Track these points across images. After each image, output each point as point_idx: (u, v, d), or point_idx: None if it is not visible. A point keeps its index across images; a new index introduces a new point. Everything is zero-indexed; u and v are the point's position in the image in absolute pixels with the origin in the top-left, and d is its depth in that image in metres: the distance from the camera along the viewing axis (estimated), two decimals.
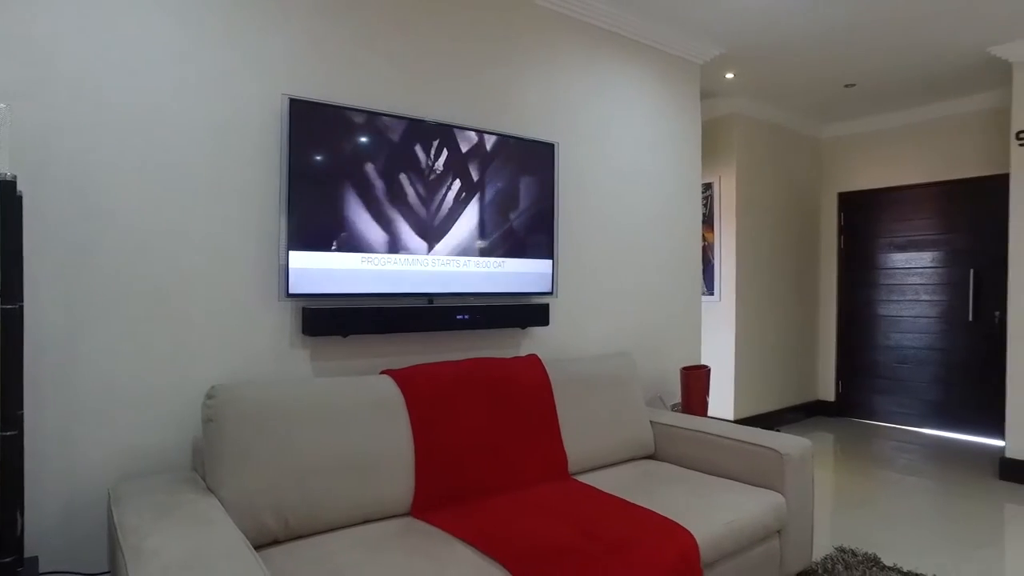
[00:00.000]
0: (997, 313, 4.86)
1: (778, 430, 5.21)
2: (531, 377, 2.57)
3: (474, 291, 2.73)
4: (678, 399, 3.64)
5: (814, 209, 5.92)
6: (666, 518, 2.07)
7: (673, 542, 1.95)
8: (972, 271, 5.07)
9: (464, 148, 2.69)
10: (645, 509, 2.15)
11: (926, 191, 5.33)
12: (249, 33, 2.26)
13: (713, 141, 5.15)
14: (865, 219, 5.72)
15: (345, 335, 2.38)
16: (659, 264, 3.75)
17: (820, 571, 2.66)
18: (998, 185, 4.75)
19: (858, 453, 4.69)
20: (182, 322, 2.13)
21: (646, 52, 3.67)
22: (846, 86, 4.74)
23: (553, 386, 2.64)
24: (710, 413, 5.06)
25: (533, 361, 2.64)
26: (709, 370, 3.40)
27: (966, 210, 5.11)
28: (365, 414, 2.12)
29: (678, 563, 1.92)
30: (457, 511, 2.11)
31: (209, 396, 1.92)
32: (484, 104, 2.92)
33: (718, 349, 5.11)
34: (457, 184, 2.67)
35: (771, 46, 3.95)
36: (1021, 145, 4.00)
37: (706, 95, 4.92)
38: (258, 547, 1.85)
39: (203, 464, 1.94)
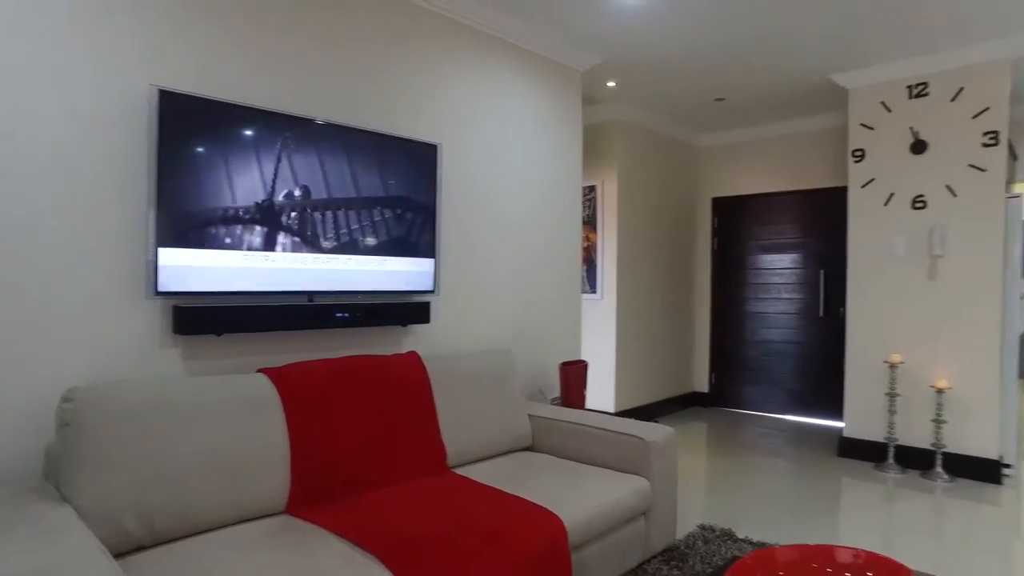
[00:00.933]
0: (841, 309, 5.41)
1: (656, 421, 5.54)
2: (410, 374, 2.62)
3: (355, 289, 2.75)
4: (558, 393, 3.81)
5: (690, 212, 6.33)
6: (537, 505, 2.19)
7: (542, 527, 2.07)
8: (823, 272, 5.62)
9: (348, 147, 2.70)
10: (518, 497, 2.26)
11: (786, 199, 5.84)
12: (119, 16, 2.17)
13: (596, 145, 5.40)
14: (736, 223, 6.18)
15: (219, 334, 2.33)
16: (541, 263, 3.90)
17: (682, 547, 2.88)
18: (841, 196, 5.29)
19: (726, 439, 5.07)
20: (34, 323, 2.02)
21: (531, 59, 3.80)
22: (716, 100, 5.11)
23: (432, 382, 2.71)
24: (593, 406, 5.30)
25: (412, 358, 2.70)
26: (586, 365, 3.58)
27: (818, 217, 5.65)
28: (238, 412, 2.10)
29: (547, 546, 2.04)
30: (334, 507, 2.13)
31: (65, 399, 1.84)
32: (369, 104, 2.93)
33: (601, 345, 5.37)
34: (342, 182, 2.68)
35: (648, 58, 4.21)
36: (856, 162, 4.49)
37: (590, 101, 5.15)
38: (120, 555, 1.79)
39: (57, 472, 1.85)
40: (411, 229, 2.95)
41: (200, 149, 2.28)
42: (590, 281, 5.43)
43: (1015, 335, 4.12)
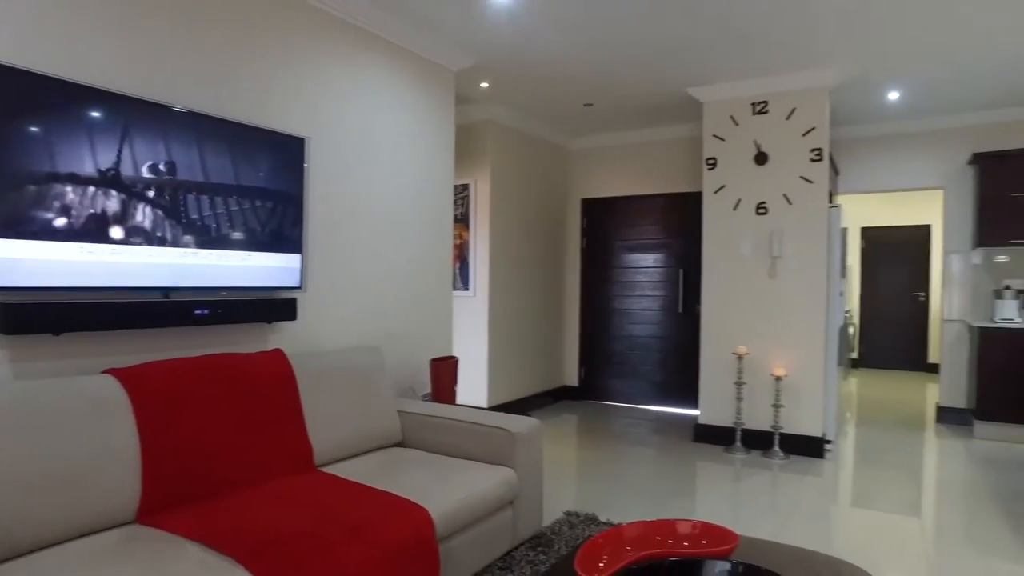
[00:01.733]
0: (698, 306, 5.86)
1: (528, 414, 5.71)
2: (274, 372, 2.55)
3: (217, 285, 2.63)
4: (429, 390, 3.84)
5: (561, 213, 6.58)
6: (404, 499, 2.21)
7: (408, 520, 2.10)
8: (682, 271, 6.04)
9: (209, 137, 2.58)
10: (385, 492, 2.27)
11: (650, 202, 6.22)
12: None
13: (470, 145, 5.47)
14: (604, 223, 6.49)
15: (57, 333, 2.15)
16: (413, 260, 3.91)
17: (549, 533, 3.02)
18: (698, 200, 5.72)
19: (594, 430, 5.33)
20: None
21: (405, 56, 3.80)
22: (585, 105, 5.35)
23: (298, 380, 2.65)
24: (466, 401, 5.38)
25: (277, 356, 2.63)
26: (457, 361, 3.64)
27: (678, 219, 6.07)
28: (80, 417, 1.95)
29: (414, 538, 2.07)
30: (191, 511, 2.03)
31: None
32: (234, 94, 2.81)
33: (474, 342, 5.46)
34: (201, 174, 2.55)
35: (519, 62, 4.33)
36: (709, 169, 4.89)
37: (464, 101, 5.21)
38: None
39: None
40: (277, 224, 2.87)
41: (32, 129, 2.09)
42: (463, 278, 5.50)
43: (836, 328, 4.66)
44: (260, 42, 2.95)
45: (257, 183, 2.77)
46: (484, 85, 4.82)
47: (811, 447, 4.52)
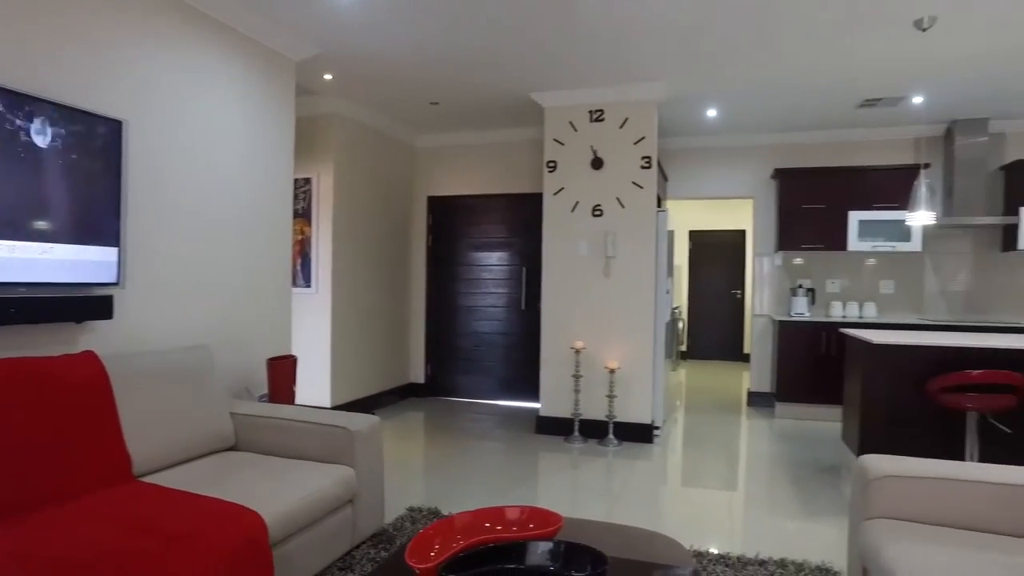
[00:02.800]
0: (539, 303, 6.10)
1: (374, 412, 5.64)
2: (85, 376, 2.32)
3: (11, 281, 2.34)
4: (266, 390, 3.68)
5: (407, 210, 6.55)
6: (234, 504, 2.12)
7: (239, 525, 2.01)
8: (524, 269, 6.27)
9: (6, 114, 2.28)
10: (214, 499, 2.15)
11: (495, 201, 6.38)
12: None
13: (312, 138, 5.30)
14: (450, 221, 6.56)
15: None
16: (249, 254, 3.72)
17: (391, 530, 3.01)
18: (540, 201, 5.97)
19: (440, 426, 5.38)
20: None
21: (242, 42, 3.60)
22: (431, 103, 5.37)
23: (114, 384, 2.44)
24: (309, 401, 5.21)
25: (88, 358, 2.39)
26: (295, 360, 3.52)
27: (521, 219, 6.28)
28: None
29: (244, 544, 1.99)
30: None
31: None
32: (37, 67, 2.50)
33: (316, 340, 5.29)
34: None
35: (364, 56, 4.27)
36: (550, 172, 5.12)
37: (307, 92, 5.04)
38: None
39: None
40: (87, 213, 2.60)
41: None
42: (304, 275, 5.32)
43: (663, 322, 5.09)
44: (77, 15, 2.66)
45: (61, 167, 2.50)
46: (328, 77, 4.69)
47: (641, 434, 4.89)
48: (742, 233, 9.90)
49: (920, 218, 3.95)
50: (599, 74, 4.59)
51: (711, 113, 5.52)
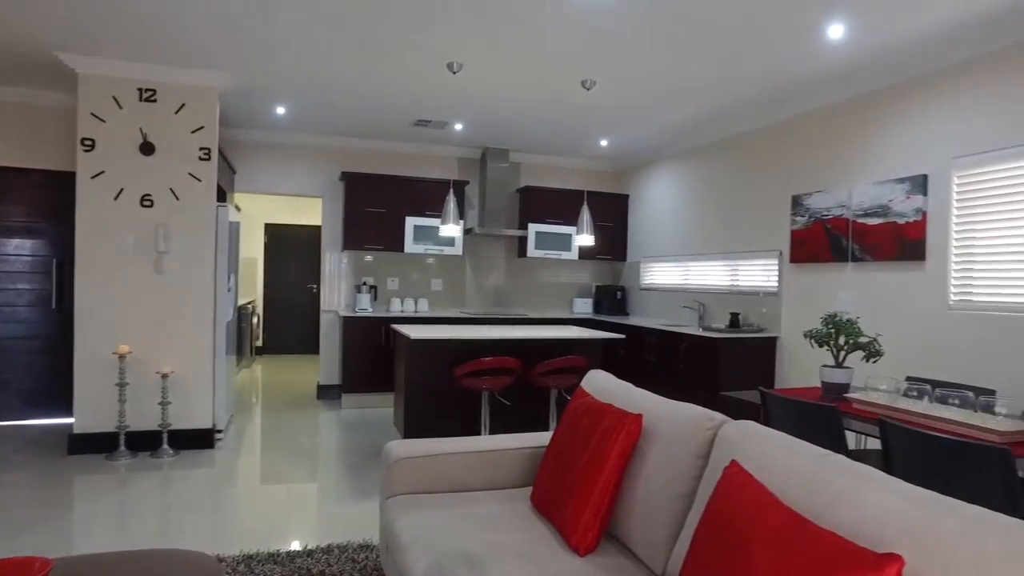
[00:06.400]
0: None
1: None
2: None
3: None
4: None
5: None
6: None
7: None
8: (56, 261, 5.28)
9: None
10: None
11: (18, 177, 5.19)
12: None
13: None
14: None
15: None
16: None
17: None
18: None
19: None
20: None
21: None
22: None
23: None
24: None
25: None
26: None
27: (54, 202, 5.26)
28: None
29: None
30: None
31: None
32: None
33: None
34: None
35: None
36: (86, 151, 4.41)
37: None
38: None
39: None
40: None
41: None
42: None
43: (225, 321, 4.89)
44: None
45: None
46: None
47: (202, 440, 4.62)
48: (318, 228, 10.13)
49: (449, 230, 4.64)
50: (152, 50, 4.14)
51: (280, 110, 5.50)
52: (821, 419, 2.54)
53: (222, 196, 5.62)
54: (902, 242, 3.98)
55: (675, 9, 3.29)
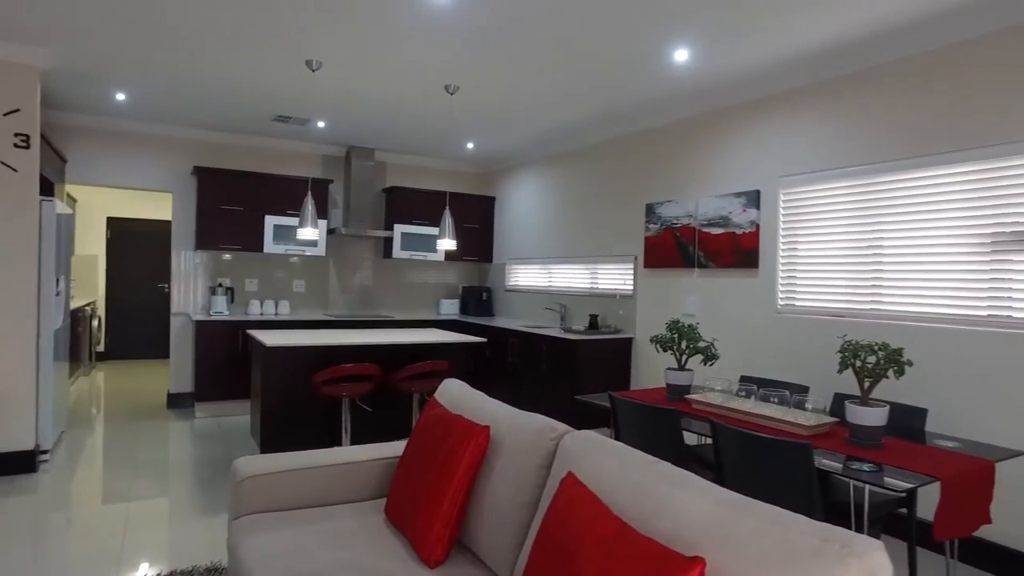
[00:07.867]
0: None
1: None
2: None
3: None
4: None
5: None
6: None
7: None
8: None
9: None
10: None
11: None
12: None
13: None
14: None
15: None
16: None
17: None
18: None
19: None
20: None
21: None
22: None
23: None
24: None
25: None
26: None
27: None
28: None
29: None
30: None
31: None
32: None
33: None
34: None
35: None
36: None
37: None
38: None
39: None
40: None
41: None
42: None
43: (52, 328, 4.40)
44: None
45: None
46: None
47: (22, 463, 4.13)
48: (169, 224, 9.40)
49: (307, 233, 4.43)
50: None
51: (120, 96, 5.04)
52: (663, 420, 2.73)
53: (48, 188, 5.07)
54: (739, 251, 4.35)
55: (530, 25, 3.38)
